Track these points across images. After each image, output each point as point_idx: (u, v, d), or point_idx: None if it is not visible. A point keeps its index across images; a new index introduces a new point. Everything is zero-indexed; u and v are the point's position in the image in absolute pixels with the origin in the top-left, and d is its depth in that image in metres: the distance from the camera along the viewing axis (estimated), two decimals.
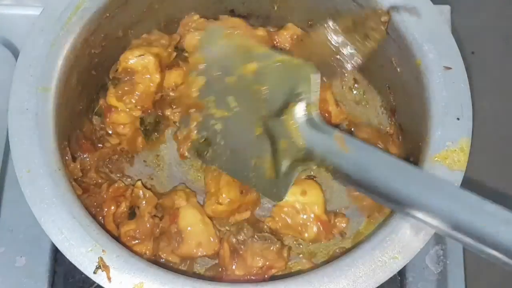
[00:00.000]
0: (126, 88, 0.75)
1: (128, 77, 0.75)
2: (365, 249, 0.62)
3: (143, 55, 0.75)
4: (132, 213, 0.73)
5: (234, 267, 0.71)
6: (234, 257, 0.71)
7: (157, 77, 0.76)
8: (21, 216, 0.80)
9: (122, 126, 0.78)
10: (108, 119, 0.78)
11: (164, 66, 0.78)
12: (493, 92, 0.98)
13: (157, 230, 0.74)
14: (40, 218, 0.62)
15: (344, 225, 0.77)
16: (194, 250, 0.73)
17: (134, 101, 0.75)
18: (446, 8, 0.93)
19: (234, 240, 0.72)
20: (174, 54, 0.80)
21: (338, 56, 0.76)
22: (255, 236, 0.72)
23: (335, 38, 0.75)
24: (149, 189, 0.78)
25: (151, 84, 0.76)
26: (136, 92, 0.75)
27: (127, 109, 0.76)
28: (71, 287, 0.79)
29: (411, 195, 0.58)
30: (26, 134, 0.65)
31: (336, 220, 0.76)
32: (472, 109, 0.68)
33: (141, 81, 0.75)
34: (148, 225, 0.73)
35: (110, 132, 0.79)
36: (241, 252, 0.71)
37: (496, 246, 0.51)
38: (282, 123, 0.69)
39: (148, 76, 0.75)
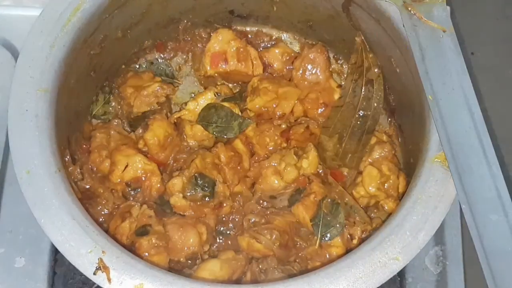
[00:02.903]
0: None
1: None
2: (365, 250, 0.62)
3: None
4: (143, 232, 0.71)
5: None
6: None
7: None
8: (21, 217, 0.80)
9: None
10: None
11: None
12: (493, 92, 0.98)
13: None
14: (40, 219, 0.62)
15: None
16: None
17: None
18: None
19: (257, 268, 0.71)
20: None
21: None
22: (279, 268, 0.71)
23: None
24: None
25: None
26: None
27: None
28: None
29: None
30: (26, 135, 0.65)
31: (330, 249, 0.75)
32: None
33: None
34: (163, 233, 0.72)
35: None
36: (259, 281, 0.70)
37: None
38: None
39: None
